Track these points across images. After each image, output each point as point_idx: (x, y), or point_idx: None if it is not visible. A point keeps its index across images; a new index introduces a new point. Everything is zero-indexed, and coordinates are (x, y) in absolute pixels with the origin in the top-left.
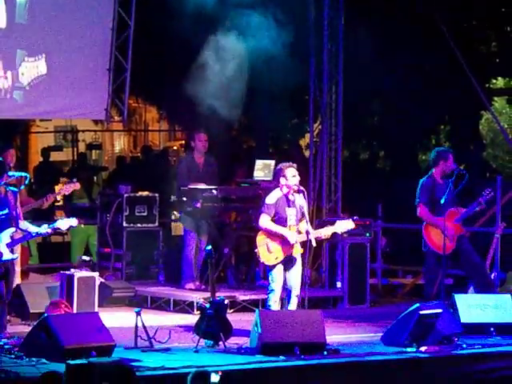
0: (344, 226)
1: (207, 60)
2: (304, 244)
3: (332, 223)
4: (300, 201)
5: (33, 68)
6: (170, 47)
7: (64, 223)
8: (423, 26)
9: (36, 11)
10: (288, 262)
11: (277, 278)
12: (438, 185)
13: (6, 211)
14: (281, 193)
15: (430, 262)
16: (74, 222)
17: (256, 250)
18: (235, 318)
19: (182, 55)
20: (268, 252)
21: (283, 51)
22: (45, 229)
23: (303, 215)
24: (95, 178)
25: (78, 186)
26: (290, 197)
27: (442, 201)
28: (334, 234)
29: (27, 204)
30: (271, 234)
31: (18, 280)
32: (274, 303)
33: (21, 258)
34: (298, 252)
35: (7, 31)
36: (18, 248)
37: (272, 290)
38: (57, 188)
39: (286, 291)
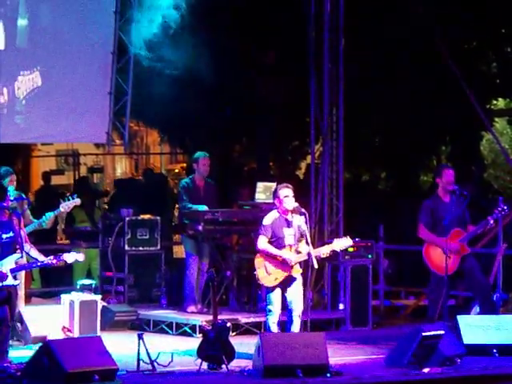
0: (342, 243)
1: None
2: (304, 264)
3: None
4: (298, 221)
5: (28, 81)
6: None
7: (70, 257)
8: (424, 46)
9: (36, 35)
10: (288, 283)
11: (274, 300)
12: (442, 204)
13: (10, 234)
14: (277, 214)
15: (433, 283)
16: (80, 256)
17: (255, 273)
18: (237, 341)
19: None
20: (267, 273)
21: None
22: (50, 260)
23: (302, 235)
24: (97, 202)
25: (78, 202)
26: (289, 217)
27: (445, 221)
28: (336, 256)
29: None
30: (269, 256)
31: (22, 304)
32: (273, 324)
33: (23, 282)
34: (297, 272)
35: (6, 54)
36: (21, 274)
37: (270, 311)
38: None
39: (288, 312)
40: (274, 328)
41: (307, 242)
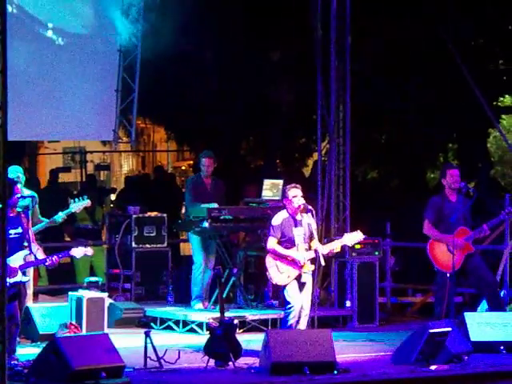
0: (353, 237)
1: None
2: (314, 261)
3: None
4: (308, 220)
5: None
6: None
7: (78, 251)
8: (431, 44)
9: (44, 32)
10: (299, 280)
11: (293, 293)
12: (448, 203)
13: (19, 230)
14: (287, 214)
15: (439, 281)
16: (89, 251)
17: (267, 273)
18: (244, 338)
19: None
20: (279, 272)
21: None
22: (59, 256)
23: (312, 234)
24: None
25: (89, 203)
26: (298, 217)
27: (452, 219)
28: (343, 253)
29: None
30: (279, 256)
31: (30, 303)
32: (293, 319)
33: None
34: (308, 269)
35: None
36: (30, 270)
37: (291, 307)
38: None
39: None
40: (295, 323)
41: (316, 240)
